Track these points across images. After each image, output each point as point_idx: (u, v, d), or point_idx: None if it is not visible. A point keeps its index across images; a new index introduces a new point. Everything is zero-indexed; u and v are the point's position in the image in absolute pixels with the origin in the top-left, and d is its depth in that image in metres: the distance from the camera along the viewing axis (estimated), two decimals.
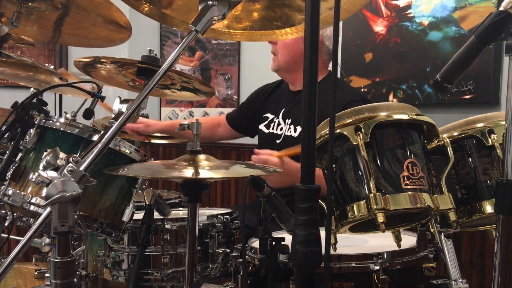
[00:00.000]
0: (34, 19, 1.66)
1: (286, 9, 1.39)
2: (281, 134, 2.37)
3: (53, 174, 0.99)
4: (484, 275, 2.73)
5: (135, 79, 1.71)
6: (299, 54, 2.27)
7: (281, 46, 2.33)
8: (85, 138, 1.47)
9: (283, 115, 2.40)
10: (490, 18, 1.15)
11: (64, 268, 1.00)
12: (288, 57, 2.32)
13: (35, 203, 1.40)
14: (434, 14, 2.81)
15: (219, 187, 3.68)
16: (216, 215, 1.87)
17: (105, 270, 1.87)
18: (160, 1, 1.38)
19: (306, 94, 0.91)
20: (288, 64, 2.33)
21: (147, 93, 1.12)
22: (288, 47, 2.30)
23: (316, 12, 0.90)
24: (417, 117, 1.26)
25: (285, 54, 2.32)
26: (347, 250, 1.38)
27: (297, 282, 0.94)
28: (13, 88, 3.79)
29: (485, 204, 1.32)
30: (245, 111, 2.67)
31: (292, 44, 2.28)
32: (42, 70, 1.97)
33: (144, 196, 1.58)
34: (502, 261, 1.12)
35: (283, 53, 2.32)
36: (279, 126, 2.40)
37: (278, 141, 2.37)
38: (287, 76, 2.42)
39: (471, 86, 2.69)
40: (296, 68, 2.33)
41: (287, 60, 2.32)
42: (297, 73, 2.35)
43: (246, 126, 2.69)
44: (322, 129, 1.30)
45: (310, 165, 0.91)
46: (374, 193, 1.18)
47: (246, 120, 2.67)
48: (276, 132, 2.40)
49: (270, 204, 1.30)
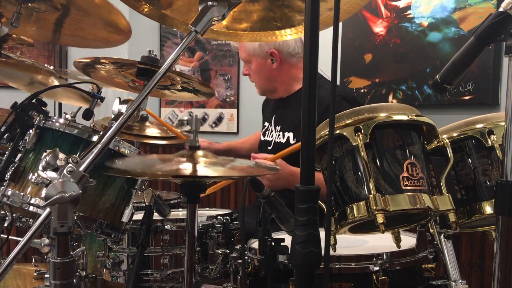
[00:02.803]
0: (34, 20, 1.66)
1: (285, 9, 1.39)
2: (272, 141, 2.43)
3: (53, 175, 0.99)
4: (483, 276, 2.73)
5: (135, 80, 1.71)
6: (268, 73, 2.38)
7: (253, 74, 2.42)
8: (85, 139, 1.46)
9: (274, 122, 2.47)
10: (489, 19, 1.15)
11: (63, 269, 1.00)
12: (262, 81, 2.42)
13: (34, 203, 1.40)
14: (433, 15, 2.82)
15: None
16: (216, 216, 1.86)
17: (104, 271, 1.86)
18: (160, 2, 1.38)
19: (306, 94, 0.91)
20: (266, 86, 2.44)
21: (147, 94, 1.12)
22: (258, 72, 2.40)
23: (315, 13, 0.90)
24: (417, 118, 1.26)
25: (259, 80, 2.43)
26: (346, 251, 1.38)
27: (297, 282, 0.94)
28: (12, 89, 3.79)
29: (484, 205, 1.32)
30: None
31: (259, 67, 2.38)
32: (41, 70, 1.97)
33: (143, 196, 1.57)
34: (501, 261, 1.12)
35: (257, 79, 2.43)
36: (271, 133, 2.46)
37: (270, 147, 2.43)
38: (273, 95, 2.51)
39: (470, 87, 2.69)
40: (274, 85, 2.43)
41: (264, 83, 2.43)
42: (277, 87, 2.43)
43: None
44: (322, 130, 1.30)
45: (310, 166, 0.91)
46: (374, 193, 1.18)
47: None
48: (268, 139, 2.47)
49: (269, 205, 1.30)
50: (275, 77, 2.37)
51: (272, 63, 2.34)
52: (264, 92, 2.50)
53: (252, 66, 2.40)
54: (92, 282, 1.91)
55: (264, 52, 2.32)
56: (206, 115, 3.82)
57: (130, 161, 1.45)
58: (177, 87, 1.77)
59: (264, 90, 2.47)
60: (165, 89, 1.80)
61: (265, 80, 2.41)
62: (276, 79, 2.38)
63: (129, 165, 1.41)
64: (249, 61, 2.40)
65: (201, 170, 1.32)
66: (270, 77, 2.39)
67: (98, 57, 1.56)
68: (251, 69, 2.41)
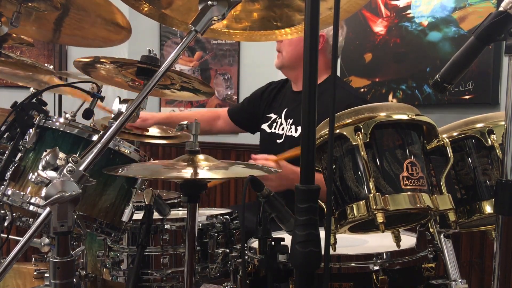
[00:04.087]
0: (34, 19, 1.66)
1: (285, 9, 1.39)
2: (283, 134, 2.37)
3: (53, 174, 0.99)
4: (483, 276, 2.73)
5: (135, 79, 1.71)
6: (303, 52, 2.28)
7: (286, 43, 2.35)
8: (85, 138, 1.46)
9: (286, 115, 2.41)
10: (489, 19, 1.15)
11: (63, 268, 1.00)
12: (292, 53, 2.34)
13: (34, 203, 1.40)
14: (433, 15, 2.82)
15: (219, 187, 3.68)
16: (216, 215, 1.86)
17: (104, 270, 1.86)
18: (160, 1, 1.38)
19: (306, 94, 0.90)
20: (293, 61, 2.35)
21: (147, 93, 1.12)
22: (293, 43, 2.32)
23: (315, 12, 0.90)
24: (417, 117, 1.26)
25: (290, 50, 2.34)
26: (346, 250, 1.38)
27: (297, 282, 0.94)
28: (12, 88, 3.80)
29: (484, 205, 1.32)
30: (249, 107, 2.67)
31: (297, 41, 2.29)
32: (41, 70, 1.97)
33: (143, 196, 1.57)
34: (501, 261, 1.12)
35: (288, 50, 2.34)
36: (281, 126, 2.41)
37: (280, 141, 2.37)
38: (290, 73, 2.44)
39: (470, 87, 2.69)
40: (300, 66, 2.32)
41: (292, 56, 2.34)
42: (300, 71, 2.34)
43: (248, 122, 2.69)
44: (322, 129, 1.30)
45: (310, 166, 0.91)
46: (374, 193, 1.18)
47: (248, 116, 2.67)
48: (278, 132, 2.41)
49: (269, 205, 1.30)
50: None
51: None
52: (284, 65, 2.38)
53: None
54: (92, 281, 1.90)
55: None
56: None
57: (134, 168, 1.45)
58: (177, 86, 1.77)
59: (286, 63, 2.37)
60: (165, 89, 1.80)
61: (297, 55, 2.32)
62: None
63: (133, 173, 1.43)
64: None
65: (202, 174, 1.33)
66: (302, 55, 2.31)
67: (98, 57, 1.56)
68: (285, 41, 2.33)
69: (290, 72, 2.43)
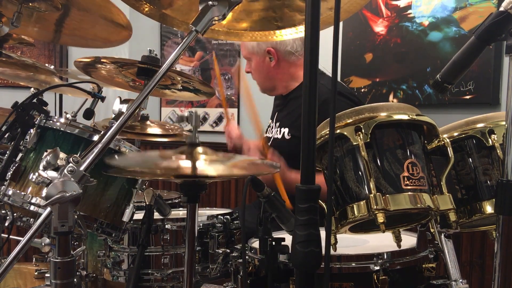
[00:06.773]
0: (35, 20, 1.66)
1: (286, 9, 1.39)
2: (271, 137, 2.47)
3: (53, 174, 0.99)
4: (484, 276, 2.73)
5: (135, 79, 1.71)
6: (267, 71, 2.40)
7: (253, 72, 2.45)
8: (85, 138, 1.46)
9: (276, 119, 2.51)
10: (490, 19, 1.15)
11: (64, 268, 1.00)
12: (262, 78, 2.45)
13: (35, 203, 1.40)
14: (434, 15, 2.82)
15: (219, 187, 3.68)
16: (216, 215, 1.87)
17: (105, 270, 1.87)
18: (160, 1, 1.38)
19: (306, 94, 0.91)
20: (266, 84, 2.46)
21: (147, 93, 1.12)
22: (257, 70, 2.43)
23: (316, 13, 0.90)
24: (417, 117, 1.26)
25: (259, 77, 2.46)
26: (347, 250, 1.38)
27: (297, 282, 0.94)
28: (13, 88, 3.80)
29: (485, 205, 1.32)
30: None
31: (258, 65, 2.41)
32: (42, 70, 1.97)
33: (144, 196, 1.57)
34: (502, 261, 1.12)
35: (257, 77, 2.46)
36: (272, 130, 2.50)
37: (269, 143, 2.46)
38: (273, 93, 2.54)
39: (471, 87, 2.69)
40: (274, 83, 2.45)
41: (263, 81, 2.46)
42: (276, 85, 2.45)
43: None
44: (322, 129, 1.30)
45: (310, 166, 0.91)
46: (374, 193, 1.18)
47: None
48: (269, 135, 2.51)
49: (270, 205, 1.30)
50: (274, 75, 2.39)
51: (270, 61, 2.36)
52: (264, 90, 2.52)
53: (252, 64, 2.43)
54: (93, 281, 1.91)
55: (262, 50, 2.35)
56: (207, 115, 3.82)
57: (129, 158, 1.45)
58: (178, 86, 1.77)
59: (264, 88, 2.50)
60: (166, 89, 1.80)
61: (264, 78, 2.44)
62: (275, 77, 2.40)
63: (128, 162, 1.42)
64: (250, 59, 2.44)
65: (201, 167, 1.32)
66: (268, 75, 2.41)
67: (98, 57, 1.56)
68: (251, 67, 2.45)
69: (272, 92, 2.52)
